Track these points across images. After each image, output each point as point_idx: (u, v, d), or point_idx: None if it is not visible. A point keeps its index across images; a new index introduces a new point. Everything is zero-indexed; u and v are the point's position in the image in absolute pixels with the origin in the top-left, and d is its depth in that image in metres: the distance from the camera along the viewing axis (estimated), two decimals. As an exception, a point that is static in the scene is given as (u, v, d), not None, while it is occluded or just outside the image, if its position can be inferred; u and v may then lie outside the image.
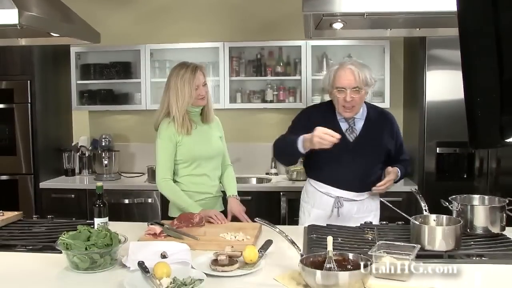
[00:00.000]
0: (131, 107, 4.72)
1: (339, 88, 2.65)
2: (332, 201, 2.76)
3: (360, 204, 2.79)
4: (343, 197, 2.75)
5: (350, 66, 2.65)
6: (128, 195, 4.28)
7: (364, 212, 2.79)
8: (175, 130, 2.81)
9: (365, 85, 2.65)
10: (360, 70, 2.64)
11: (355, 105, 2.66)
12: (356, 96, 2.63)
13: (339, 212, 2.75)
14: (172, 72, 2.87)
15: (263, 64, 4.59)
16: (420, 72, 4.01)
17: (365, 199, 2.79)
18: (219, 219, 2.69)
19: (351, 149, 2.70)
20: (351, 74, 2.63)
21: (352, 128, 2.74)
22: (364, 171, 2.73)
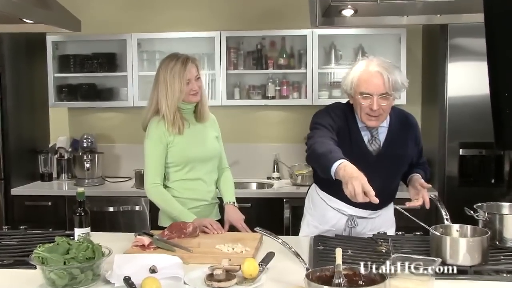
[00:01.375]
0: (116, 103, 4.72)
1: (365, 94, 2.51)
2: (345, 220, 2.70)
3: (375, 220, 2.75)
4: (357, 215, 2.68)
5: (378, 68, 2.51)
6: (113, 202, 4.28)
7: (378, 227, 2.73)
8: (166, 130, 2.81)
9: (395, 91, 2.52)
10: (390, 72, 2.50)
11: (382, 113, 2.53)
12: (384, 104, 2.50)
13: (351, 232, 2.69)
14: (161, 64, 2.87)
15: (264, 56, 4.60)
16: (441, 64, 4.01)
17: (379, 216, 2.75)
18: (215, 228, 2.69)
19: (373, 163, 2.57)
20: (380, 78, 2.48)
21: (374, 138, 2.62)
22: (385, 185, 2.59)
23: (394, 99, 2.57)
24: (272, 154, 4.68)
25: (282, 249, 2.05)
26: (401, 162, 2.69)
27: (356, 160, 2.29)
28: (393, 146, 2.64)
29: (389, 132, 2.65)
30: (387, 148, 2.63)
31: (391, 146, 2.63)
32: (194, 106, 2.93)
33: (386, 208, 2.78)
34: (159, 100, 2.82)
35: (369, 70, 2.51)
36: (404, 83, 2.55)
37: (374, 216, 2.72)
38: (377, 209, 2.68)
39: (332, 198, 2.71)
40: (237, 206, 2.99)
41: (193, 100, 2.87)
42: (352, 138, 2.56)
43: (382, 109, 2.51)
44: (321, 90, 4.46)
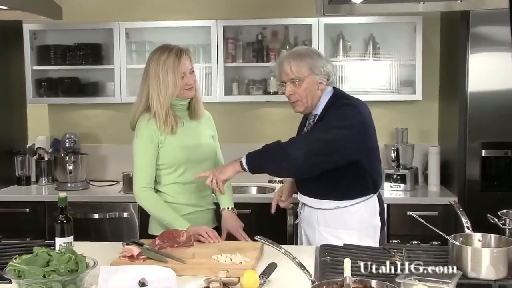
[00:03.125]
0: (102, 99, 4.73)
1: (281, 83, 2.89)
2: (299, 205, 3.04)
3: (322, 215, 2.86)
4: (305, 203, 2.95)
5: (285, 56, 2.86)
6: (99, 208, 4.29)
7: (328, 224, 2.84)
8: (157, 128, 2.82)
9: (309, 74, 2.78)
10: (295, 58, 2.80)
11: (299, 99, 2.81)
12: (292, 88, 2.80)
13: (302, 219, 2.98)
14: (152, 57, 2.88)
15: (265, 47, 4.61)
16: (461, 55, 4.01)
17: (329, 209, 2.83)
18: (211, 237, 2.69)
19: None
20: (285, 65, 2.81)
21: (310, 125, 2.89)
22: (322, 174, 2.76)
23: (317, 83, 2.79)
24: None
25: (285, 259, 2.06)
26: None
27: None
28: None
29: (319, 120, 2.84)
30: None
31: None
32: (187, 102, 2.94)
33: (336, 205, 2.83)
34: (150, 96, 2.83)
35: (280, 62, 2.87)
36: (322, 65, 2.80)
37: (317, 207, 2.87)
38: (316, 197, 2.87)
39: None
40: (235, 212, 3.00)
41: (188, 96, 2.88)
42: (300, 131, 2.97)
43: (298, 94, 2.80)
44: (328, 84, 4.46)
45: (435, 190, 4.30)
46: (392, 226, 3.97)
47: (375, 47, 4.49)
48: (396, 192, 4.25)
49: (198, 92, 2.96)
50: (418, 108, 4.64)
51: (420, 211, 2.97)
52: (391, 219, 3.98)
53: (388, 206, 4.01)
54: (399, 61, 4.47)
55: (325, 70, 2.80)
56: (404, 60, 4.46)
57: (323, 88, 2.83)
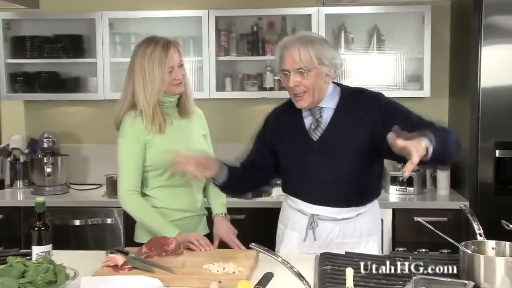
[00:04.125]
0: (83, 96, 4.73)
1: (283, 71, 2.73)
2: (306, 220, 2.82)
3: (344, 225, 2.80)
4: (319, 214, 2.79)
5: (294, 42, 2.70)
6: (80, 214, 4.28)
7: (353, 236, 2.81)
8: (144, 127, 2.83)
9: (318, 64, 2.67)
10: (307, 45, 2.68)
11: (306, 90, 2.70)
12: (299, 79, 2.68)
13: (315, 235, 2.80)
14: (137, 49, 2.89)
15: (260, 40, 4.61)
16: (473, 48, 4.02)
17: (352, 218, 2.80)
18: (202, 245, 2.70)
19: (317, 150, 2.75)
20: (294, 52, 2.67)
21: (317, 121, 2.78)
22: (342, 177, 2.74)
23: (325, 75, 2.71)
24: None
25: (282, 269, 2.06)
26: (353, 147, 2.74)
27: (300, 149, 2.74)
28: (339, 128, 2.75)
29: (336, 114, 2.77)
30: (331, 131, 2.75)
31: (337, 128, 2.75)
32: (177, 99, 2.95)
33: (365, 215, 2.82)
34: (136, 92, 2.83)
35: (286, 46, 2.71)
36: (334, 57, 2.72)
37: (339, 217, 2.78)
38: (340, 206, 2.76)
39: (293, 198, 2.88)
40: (228, 218, 3.02)
41: (177, 92, 2.89)
42: (295, 129, 2.79)
43: (304, 86, 2.68)
44: (328, 80, 4.47)
45: (445, 193, 4.32)
46: (398, 233, 3.98)
47: (380, 39, 4.50)
48: (403, 196, 4.26)
49: (188, 88, 2.97)
50: (426, 105, 4.64)
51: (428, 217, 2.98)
52: (397, 225, 4.00)
53: (393, 211, 4.03)
54: (405, 54, 4.48)
55: (334, 62, 2.71)
56: (411, 53, 4.47)
57: (329, 82, 2.76)
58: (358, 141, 2.74)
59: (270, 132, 2.92)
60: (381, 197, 4.17)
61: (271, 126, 2.94)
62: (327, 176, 2.73)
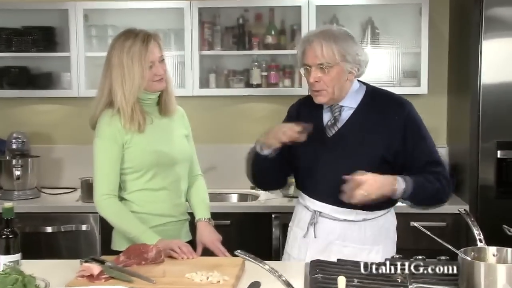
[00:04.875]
0: (56, 93, 4.72)
1: (305, 66, 2.82)
2: (308, 216, 2.90)
3: (346, 227, 2.84)
4: (321, 212, 2.86)
5: (316, 36, 2.79)
6: (52, 220, 4.27)
7: (354, 241, 2.84)
8: (122, 126, 2.82)
9: (341, 61, 2.75)
10: (330, 40, 2.75)
11: (325, 88, 2.77)
12: (320, 75, 2.75)
13: (316, 232, 2.86)
14: (115, 43, 2.88)
15: (247, 33, 4.62)
16: (474, 42, 4.04)
17: (356, 222, 2.84)
18: (184, 252, 2.70)
19: (330, 147, 2.84)
20: (316, 46, 2.75)
21: (335, 119, 2.86)
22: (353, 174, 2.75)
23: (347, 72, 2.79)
24: (258, 158, 4.69)
25: (270, 278, 2.07)
26: (367, 149, 2.80)
27: (313, 143, 2.77)
28: (356, 129, 2.83)
29: (355, 113, 2.85)
30: (347, 131, 2.83)
31: (353, 128, 2.84)
32: (157, 97, 2.95)
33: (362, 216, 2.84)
34: (113, 88, 2.83)
35: (309, 41, 2.80)
36: (357, 53, 2.80)
37: (341, 217, 2.83)
38: (342, 206, 2.78)
39: (301, 194, 3.00)
40: (212, 223, 3.01)
41: (158, 88, 2.89)
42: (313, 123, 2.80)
43: (324, 82, 2.76)
44: (320, 76, 4.48)
45: (443, 197, 4.32)
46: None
47: (374, 33, 4.52)
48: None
49: (169, 85, 2.97)
50: (423, 103, 4.64)
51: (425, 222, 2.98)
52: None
53: (389, 216, 4.05)
54: (401, 48, 4.50)
55: (358, 58, 2.79)
56: (407, 47, 4.50)
57: (352, 79, 2.83)
58: (373, 144, 2.80)
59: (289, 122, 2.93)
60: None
61: (291, 116, 3.02)
62: (335, 173, 2.74)
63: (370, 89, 2.93)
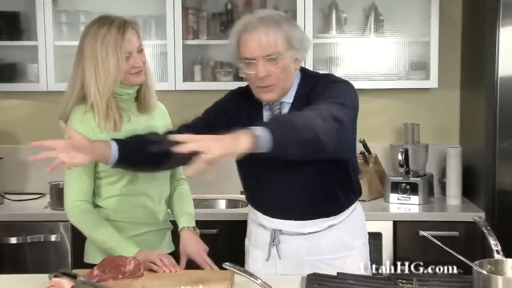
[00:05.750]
0: (21, 86, 4.72)
1: (248, 60, 2.68)
2: (267, 236, 2.87)
3: (314, 239, 2.82)
4: (281, 230, 2.83)
5: (258, 23, 2.66)
6: (17, 230, 4.26)
7: (326, 252, 2.82)
8: (96, 124, 2.82)
9: (288, 48, 2.66)
10: (274, 26, 2.65)
11: (276, 82, 2.68)
12: (273, 68, 2.65)
13: (280, 253, 2.83)
14: (87, 31, 2.88)
15: (236, 20, 4.57)
16: (489, 30, 4.06)
17: (323, 231, 2.83)
18: (166, 265, 2.70)
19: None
20: (262, 35, 2.64)
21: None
22: (303, 184, 2.75)
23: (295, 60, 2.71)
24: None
25: (263, 293, 2.08)
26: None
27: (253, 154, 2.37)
28: None
29: (292, 108, 2.75)
30: None
31: None
32: (135, 91, 2.95)
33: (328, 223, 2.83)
34: (86, 82, 2.82)
35: (246, 30, 2.67)
36: (303, 37, 2.73)
37: (306, 231, 2.80)
38: (305, 218, 2.78)
39: (254, 211, 2.95)
40: (197, 232, 3.01)
41: (136, 82, 2.89)
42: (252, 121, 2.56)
43: (275, 76, 2.65)
44: (316, 67, 4.48)
45: (456, 203, 4.35)
46: (400, 250, 4.00)
47: (378, 20, 4.53)
48: (405, 206, 4.29)
49: (149, 78, 2.97)
50: (433, 98, 4.69)
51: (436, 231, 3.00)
52: (399, 240, 4.02)
53: (394, 224, 4.05)
54: (408, 37, 4.51)
55: (304, 44, 2.72)
56: (415, 36, 4.51)
57: (297, 68, 2.75)
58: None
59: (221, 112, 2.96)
60: (380, 207, 4.22)
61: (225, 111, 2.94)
62: (285, 184, 2.75)
63: (304, 75, 2.82)
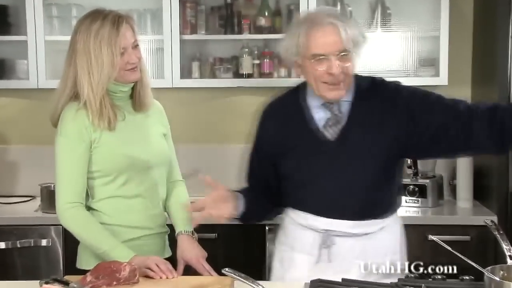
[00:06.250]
0: (10, 83, 4.71)
1: (319, 56, 2.71)
2: (318, 238, 2.85)
3: (366, 241, 2.84)
4: (334, 230, 2.82)
5: (330, 18, 2.72)
6: (7, 234, 4.26)
7: (376, 254, 2.82)
8: (89, 123, 2.82)
9: (356, 46, 2.75)
10: (345, 22, 2.74)
11: (345, 79, 2.75)
12: (347, 65, 2.72)
13: (330, 256, 2.83)
14: (80, 25, 2.88)
15: (235, 14, 4.62)
16: (502, 25, 4.06)
17: (374, 233, 2.85)
18: (163, 271, 2.70)
19: (334, 152, 2.79)
20: (335, 31, 2.69)
21: (336, 118, 2.82)
22: (362, 183, 2.80)
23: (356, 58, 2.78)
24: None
25: (264, 300, 2.08)
26: (376, 147, 2.80)
27: (309, 151, 2.79)
28: (359, 125, 2.81)
29: (354, 107, 2.82)
30: (351, 130, 2.80)
31: (356, 126, 2.81)
32: (130, 89, 2.95)
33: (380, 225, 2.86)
34: (79, 78, 2.82)
35: (318, 24, 2.71)
36: (364, 35, 2.80)
37: (359, 232, 2.81)
38: (359, 218, 2.80)
39: (300, 213, 2.90)
40: (196, 237, 3.02)
41: (131, 79, 2.89)
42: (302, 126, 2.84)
43: (345, 73, 2.71)
44: (321, 63, 4.50)
45: (467, 206, 4.36)
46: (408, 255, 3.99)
47: (385, 14, 4.53)
48: (414, 209, 4.30)
49: (144, 75, 2.97)
50: (443, 96, 4.69)
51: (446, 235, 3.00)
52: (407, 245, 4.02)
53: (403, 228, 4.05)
54: (417, 32, 4.51)
55: (362, 41, 2.79)
56: (424, 31, 4.51)
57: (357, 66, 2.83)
58: (381, 140, 2.81)
59: (266, 134, 2.97)
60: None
61: (266, 126, 3.00)
62: (344, 182, 2.78)
63: (358, 77, 2.89)
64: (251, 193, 2.95)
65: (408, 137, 2.78)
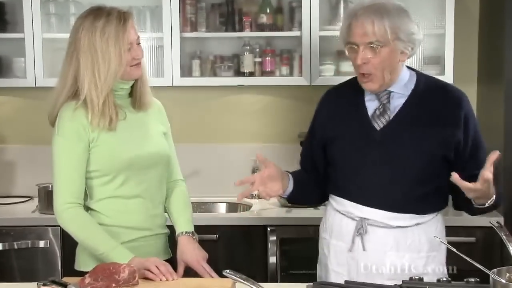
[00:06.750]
0: (7, 82, 4.70)
1: (350, 45, 2.84)
2: (352, 225, 2.90)
3: (399, 234, 2.86)
4: (369, 219, 2.87)
5: (367, 10, 2.79)
6: (3, 235, 4.26)
7: (409, 249, 2.86)
8: (88, 122, 2.82)
9: (393, 39, 2.77)
10: (383, 17, 2.77)
11: (373, 71, 2.80)
12: (370, 56, 2.78)
13: (364, 245, 2.87)
14: (82, 23, 2.86)
15: (237, 11, 4.62)
16: (509, 22, 4.07)
17: (410, 227, 2.87)
18: (162, 273, 2.70)
19: (379, 142, 2.87)
20: (367, 22, 2.77)
21: (384, 107, 2.90)
22: (402, 176, 2.84)
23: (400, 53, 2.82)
24: (250, 160, 4.67)
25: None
26: (423, 144, 2.84)
27: (357, 138, 2.88)
28: (409, 120, 2.86)
29: (408, 103, 2.88)
30: (399, 122, 2.86)
31: (406, 119, 2.86)
32: (130, 87, 2.95)
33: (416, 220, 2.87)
34: (80, 77, 2.81)
35: (356, 15, 2.81)
36: (414, 31, 2.83)
37: (394, 224, 2.84)
38: (395, 210, 2.84)
39: (340, 200, 2.98)
40: (196, 238, 3.02)
41: (134, 75, 2.89)
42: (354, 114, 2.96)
43: (372, 65, 2.79)
44: (323, 62, 4.51)
45: (472, 207, 4.34)
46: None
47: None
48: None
49: (144, 72, 2.98)
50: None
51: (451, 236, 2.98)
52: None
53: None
54: (422, 29, 4.49)
55: (413, 37, 2.81)
56: (429, 28, 4.49)
57: (404, 61, 2.87)
58: (431, 140, 2.85)
59: (321, 118, 3.07)
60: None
61: (323, 111, 3.09)
62: (385, 173, 2.83)
63: (422, 76, 2.98)
64: (302, 176, 3.07)
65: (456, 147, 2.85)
